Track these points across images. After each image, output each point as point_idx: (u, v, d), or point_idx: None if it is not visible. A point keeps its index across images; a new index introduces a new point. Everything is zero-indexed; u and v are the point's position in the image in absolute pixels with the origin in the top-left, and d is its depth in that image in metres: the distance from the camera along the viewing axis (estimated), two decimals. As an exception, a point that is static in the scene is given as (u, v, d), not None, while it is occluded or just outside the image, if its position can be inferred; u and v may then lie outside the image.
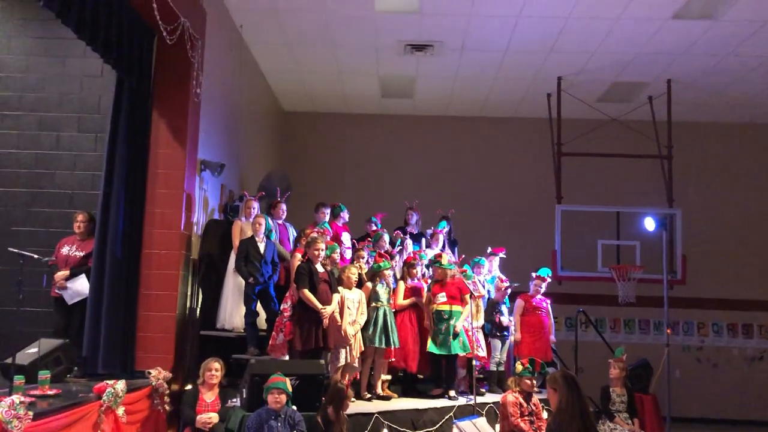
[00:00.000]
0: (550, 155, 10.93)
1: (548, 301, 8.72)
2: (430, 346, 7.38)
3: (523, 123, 12.53)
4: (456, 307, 7.48)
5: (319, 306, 6.48)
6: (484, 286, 8.53)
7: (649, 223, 9.54)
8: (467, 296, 7.59)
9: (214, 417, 5.94)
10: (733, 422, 11.49)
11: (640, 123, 11.17)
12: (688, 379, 11.58)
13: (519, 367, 6.83)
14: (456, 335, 7.35)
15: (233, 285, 7.28)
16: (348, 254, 8.02)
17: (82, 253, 6.85)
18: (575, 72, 10.39)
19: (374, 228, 8.68)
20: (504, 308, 8.46)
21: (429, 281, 8.00)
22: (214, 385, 6.11)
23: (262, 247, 7.21)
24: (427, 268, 8.28)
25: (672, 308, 9.65)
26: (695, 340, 12.34)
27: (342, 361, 6.66)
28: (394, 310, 7.39)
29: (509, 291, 8.59)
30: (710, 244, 12.03)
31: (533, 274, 8.76)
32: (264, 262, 7.15)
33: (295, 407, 5.48)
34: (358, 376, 6.90)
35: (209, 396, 6.12)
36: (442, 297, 7.53)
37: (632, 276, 9.97)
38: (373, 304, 7.09)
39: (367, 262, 7.63)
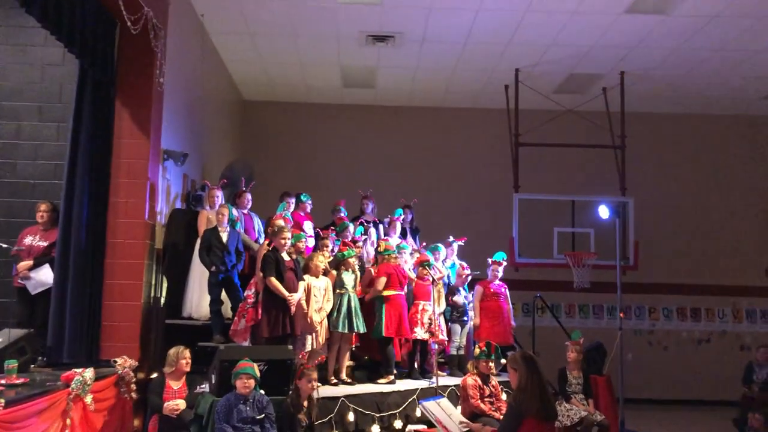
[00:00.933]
0: (508, 145, 11.18)
1: (506, 287, 8.96)
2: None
3: (482, 113, 12.75)
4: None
5: (286, 294, 6.58)
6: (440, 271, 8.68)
7: (603, 211, 9.83)
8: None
9: (181, 403, 6.02)
10: (682, 402, 11.93)
11: (595, 114, 11.49)
12: (639, 362, 11.98)
13: (476, 350, 7.04)
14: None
15: (199, 274, 7.35)
16: (311, 243, 8.11)
17: (45, 243, 6.84)
18: (532, 64, 10.64)
19: (340, 215, 8.82)
20: (462, 290, 8.67)
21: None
22: (185, 372, 6.19)
23: (224, 236, 7.29)
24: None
25: (625, 293, 9.97)
26: (647, 324, 12.78)
27: (308, 347, 6.79)
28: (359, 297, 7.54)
29: (469, 278, 8.81)
30: (661, 232, 12.46)
31: (489, 260, 8.99)
32: (227, 252, 7.23)
33: (263, 392, 5.59)
34: (323, 360, 7.04)
35: (176, 384, 6.19)
36: None
37: (587, 262, 10.30)
38: (339, 291, 7.21)
39: (332, 250, 7.74)
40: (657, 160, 12.87)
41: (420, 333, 7.78)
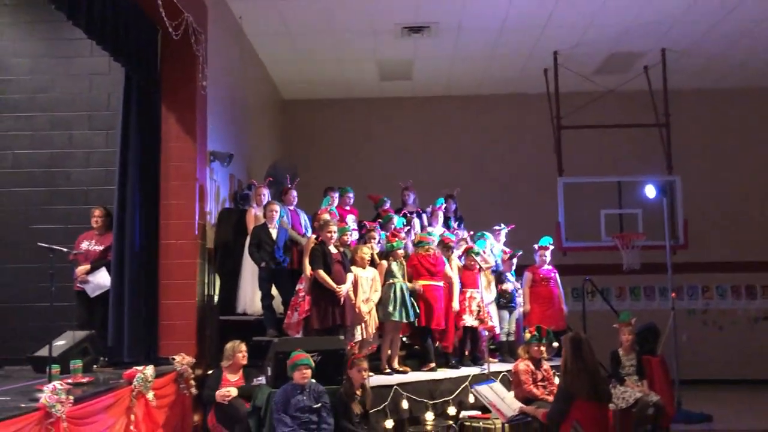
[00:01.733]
0: (549, 129, 11.11)
1: (556, 272, 8.91)
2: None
3: (521, 99, 12.65)
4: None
5: (335, 285, 6.68)
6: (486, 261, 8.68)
7: (650, 191, 9.72)
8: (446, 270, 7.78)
9: (233, 390, 6.15)
10: (740, 382, 11.71)
11: (637, 93, 11.34)
12: (694, 342, 11.81)
13: (527, 335, 7.05)
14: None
15: (250, 271, 7.50)
16: (354, 236, 8.17)
17: (101, 247, 7.08)
18: (571, 46, 10.52)
19: (385, 208, 8.92)
20: (510, 276, 8.64)
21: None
22: (241, 366, 6.34)
23: (274, 233, 7.44)
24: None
25: (676, 273, 9.86)
26: (700, 304, 12.54)
27: (358, 338, 6.88)
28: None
29: (515, 261, 8.76)
30: (711, 209, 12.22)
31: (535, 246, 8.96)
32: (276, 247, 7.37)
33: (313, 380, 5.69)
34: (374, 349, 7.13)
35: (233, 377, 6.34)
36: None
37: (636, 243, 10.17)
38: (389, 281, 7.28)
39: (379, 242, 7.82)
40: (703, 137, 12.59)
41: (469, 320, 7.82)
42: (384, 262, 7.42)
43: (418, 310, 7.34)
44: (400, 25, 9.69)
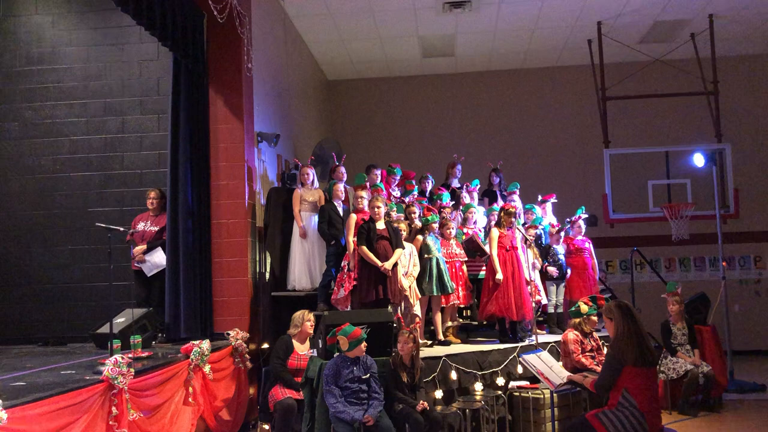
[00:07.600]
0: (594, 101, 10.99)
1: (590, 242, 8.85)
2: None
3: (565, 71, 12.55)
4: None
5: (378, 261, 6.78)
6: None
7: (698, 160, 9.58)
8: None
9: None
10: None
11: (684, 61, 11.13)
12: (747, 313, 11.62)
13: (584, 307, 6.97)
14: None
15: (299, 248, 7.68)
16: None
17: (156, 228, 7.34)
18: (615, 15, 10.37)
19: (431, 186, 9.00)
20: (559, 250, 8.61)
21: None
22: (308, 335, 6.49)
23: (341, 211, 7.64)
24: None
25: (727, 243, 9.71)
26: (753, 273, 12.30)
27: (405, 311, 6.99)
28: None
29: (562, 234, 8.75)
30: (763, 176, 11.96)
31: (568, 219, 8.91)
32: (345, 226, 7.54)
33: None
34: (419, 324, 7.24)
35: (302, 347, 6.45)
36: None
37: (684, 213, 10.04)
38: (426, 255, 7.34)
39: (419, 217, 7.90)
40: (753, 103, 12.30)
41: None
42: (419, 237, 7.48)
43: (453, 284, 7.42)
44: (441, 0, 9.68)
